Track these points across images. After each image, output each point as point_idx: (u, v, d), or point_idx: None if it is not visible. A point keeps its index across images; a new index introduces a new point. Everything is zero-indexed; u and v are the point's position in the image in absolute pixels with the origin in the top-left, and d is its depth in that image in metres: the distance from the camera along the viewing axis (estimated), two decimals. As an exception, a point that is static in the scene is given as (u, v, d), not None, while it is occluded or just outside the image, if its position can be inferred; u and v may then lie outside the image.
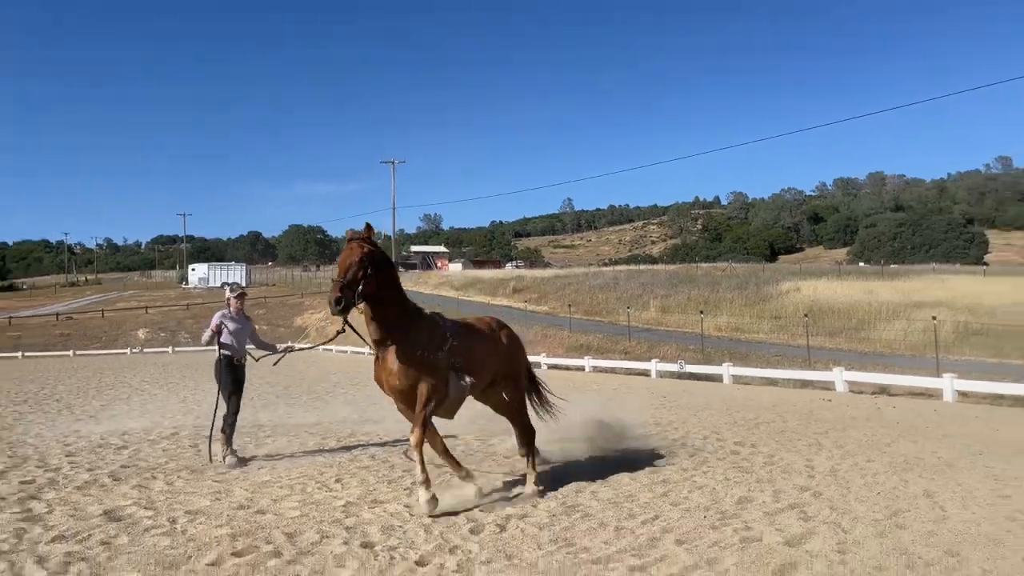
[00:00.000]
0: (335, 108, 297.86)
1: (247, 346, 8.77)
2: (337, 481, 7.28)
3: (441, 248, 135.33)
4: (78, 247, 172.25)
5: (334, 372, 24.06)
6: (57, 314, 58.56)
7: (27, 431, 11.24)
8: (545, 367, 24.25)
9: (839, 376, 16.89)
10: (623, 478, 7.18)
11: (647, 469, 7.61)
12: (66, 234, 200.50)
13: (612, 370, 24.06)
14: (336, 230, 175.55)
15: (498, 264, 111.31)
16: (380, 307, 6.02)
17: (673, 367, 21.78)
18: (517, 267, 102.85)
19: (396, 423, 11.44)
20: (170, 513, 6.09)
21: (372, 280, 5.90)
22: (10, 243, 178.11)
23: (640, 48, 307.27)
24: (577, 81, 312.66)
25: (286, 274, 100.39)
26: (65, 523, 5.81)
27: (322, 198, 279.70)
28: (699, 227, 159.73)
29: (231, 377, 8.49)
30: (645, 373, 22.33)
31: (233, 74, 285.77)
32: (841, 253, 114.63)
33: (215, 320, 8.51)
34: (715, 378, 20.11)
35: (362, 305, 5.90)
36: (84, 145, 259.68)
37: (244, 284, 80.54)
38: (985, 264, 78.49)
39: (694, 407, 13.43)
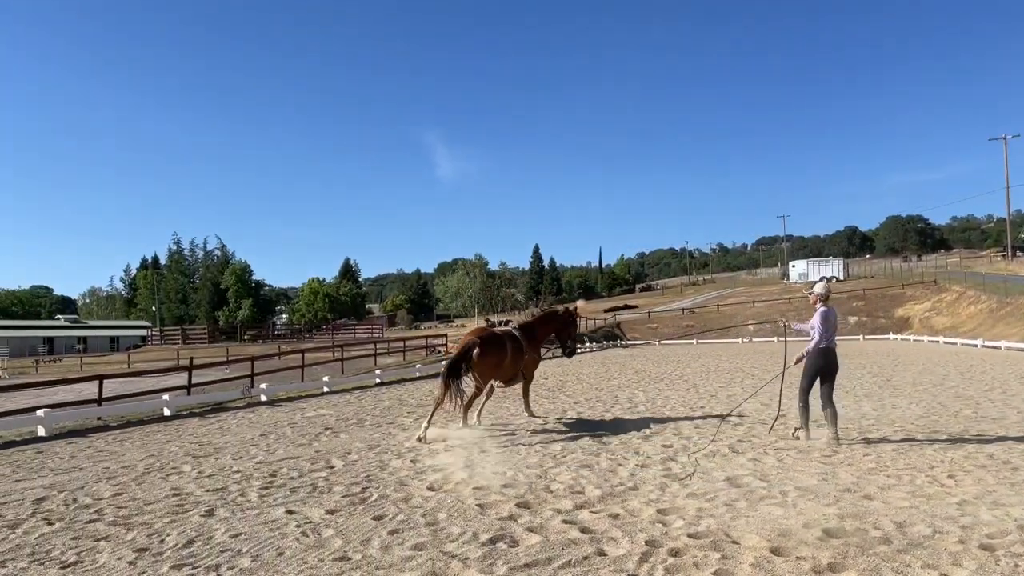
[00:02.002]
0: (930, 89, 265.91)
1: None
2: (950, 477, 6.51)
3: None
4: (696, 252, 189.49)
5: (942, 364, 21.48)
6: (683, 309, 65.32)
7: (665, 404, 12.83)
8: None
9: None
10: None
11: None
12: (687, 241, 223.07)
13: None
14: (938, 217, 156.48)
15: None
16: None
17: None
18: None
19: (1017, 422, 9.70)
20: (781, 487, 6.27)
21: None
22: (647, 252, 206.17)
23: None
24: None
25: (884, 265, 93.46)
26: (697, 484, 6.47)
27: (920, 186, 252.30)
28: None
29: (810, 362, 8.55)
30: None
31: (816, 72, 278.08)
32: None
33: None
34: None
35: None
36: (691, 158, 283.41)
37: (841, 277, 77.88)
38: None
39: None
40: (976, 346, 31.27)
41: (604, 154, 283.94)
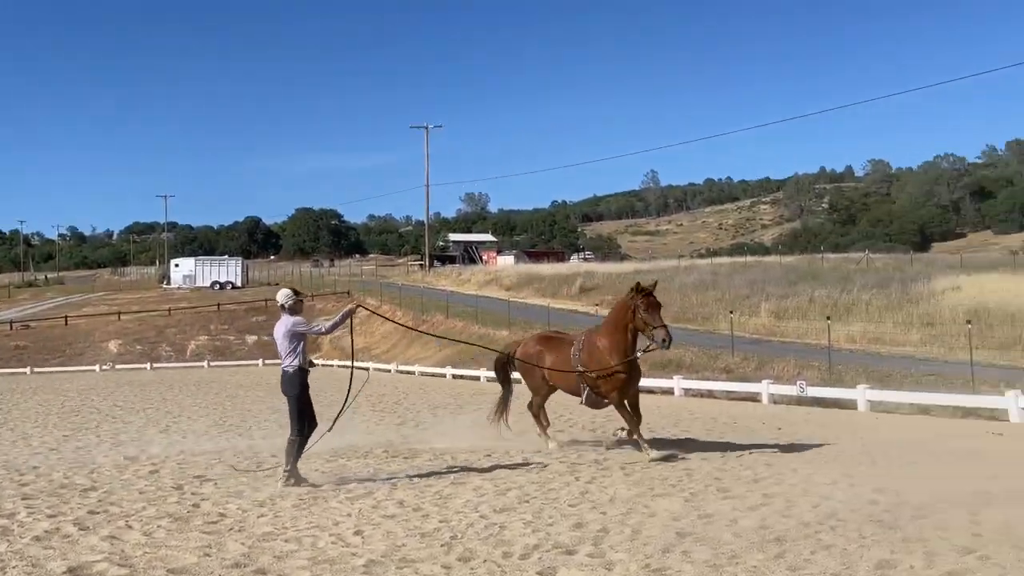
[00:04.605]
0: (349, 64, 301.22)
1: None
2: (356, 534, 7.36)
3: (488, 236, 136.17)
4: (36, 238, 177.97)
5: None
6: (11, 322, 60.52)
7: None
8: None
9: (1014, 402, 16.41)
10: (724, 534, 7.10)
11: (753, 523, 7.50)
12: (22, 222, 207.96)
13: (710, 393, 23.84)
14: (354, 214, 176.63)
15: (560, 256, 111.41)
16: None
17: (791, 390, 21.49)
18: (585, 259, 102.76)
19: (430, 459, 11.53)
20: (149, 572, 6.26)
21: None
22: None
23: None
24: (661, 24, 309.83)
25: (292, 270, 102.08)
26: (21, 583, 6.01)
27: (336, 175, 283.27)
28: (825, 206, 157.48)
29: None
30: (754, 398, 22.08)
31: (227, 25, 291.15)
32: (1018, 239, 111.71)
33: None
34: (847, 404, 19.79)
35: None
36: (40, 117, 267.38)
37: (239, 283, 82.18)
38: None
39: (818, 442, 13.22)
40: (390, 371, 36.33)
41: None
